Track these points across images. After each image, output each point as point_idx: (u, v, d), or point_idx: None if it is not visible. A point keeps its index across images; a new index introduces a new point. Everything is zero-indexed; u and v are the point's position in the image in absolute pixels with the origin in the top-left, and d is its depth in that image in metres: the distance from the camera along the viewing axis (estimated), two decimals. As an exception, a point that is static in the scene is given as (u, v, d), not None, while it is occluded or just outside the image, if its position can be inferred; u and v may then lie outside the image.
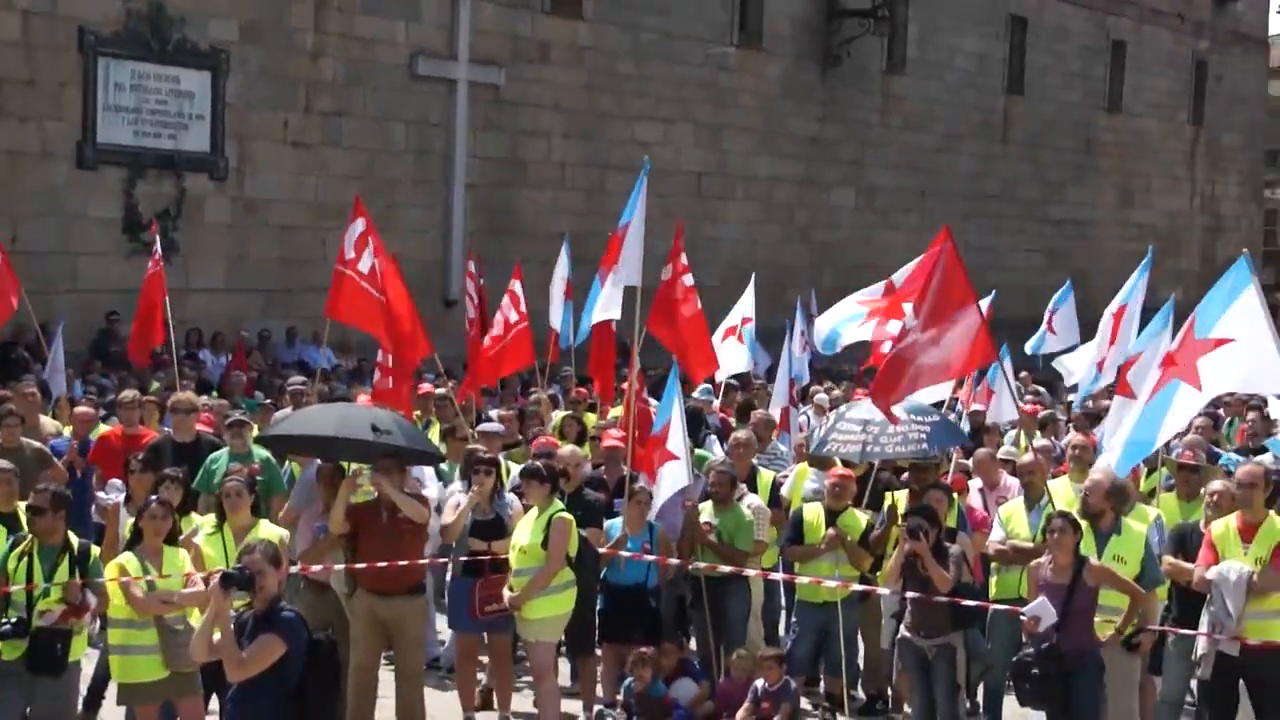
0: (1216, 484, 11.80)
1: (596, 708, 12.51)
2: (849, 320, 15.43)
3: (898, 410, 12.25)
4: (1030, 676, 10.42)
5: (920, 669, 11.23)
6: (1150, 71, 44.40)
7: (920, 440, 12.66)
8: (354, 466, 11.74)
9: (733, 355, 19.52)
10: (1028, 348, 22.59)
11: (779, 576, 13.22)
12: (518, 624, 11.80)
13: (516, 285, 17.32)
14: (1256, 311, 10.81)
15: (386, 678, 11.66)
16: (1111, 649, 10.71)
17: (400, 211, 27.07)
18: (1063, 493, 12.22)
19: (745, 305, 19.60)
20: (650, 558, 12.36)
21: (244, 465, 12.44)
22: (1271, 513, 11.01)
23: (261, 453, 13.20)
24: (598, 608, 12.38)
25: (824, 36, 34.81)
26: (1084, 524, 10.90)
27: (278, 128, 25.60)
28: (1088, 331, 19.36)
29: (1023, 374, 23.53)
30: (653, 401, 15.89)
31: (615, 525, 12.59)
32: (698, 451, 14.82)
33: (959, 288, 11.42)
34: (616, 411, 16.08)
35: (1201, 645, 10.82)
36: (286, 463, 13.54)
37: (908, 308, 11.75)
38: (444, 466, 14.26)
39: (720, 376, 19.81)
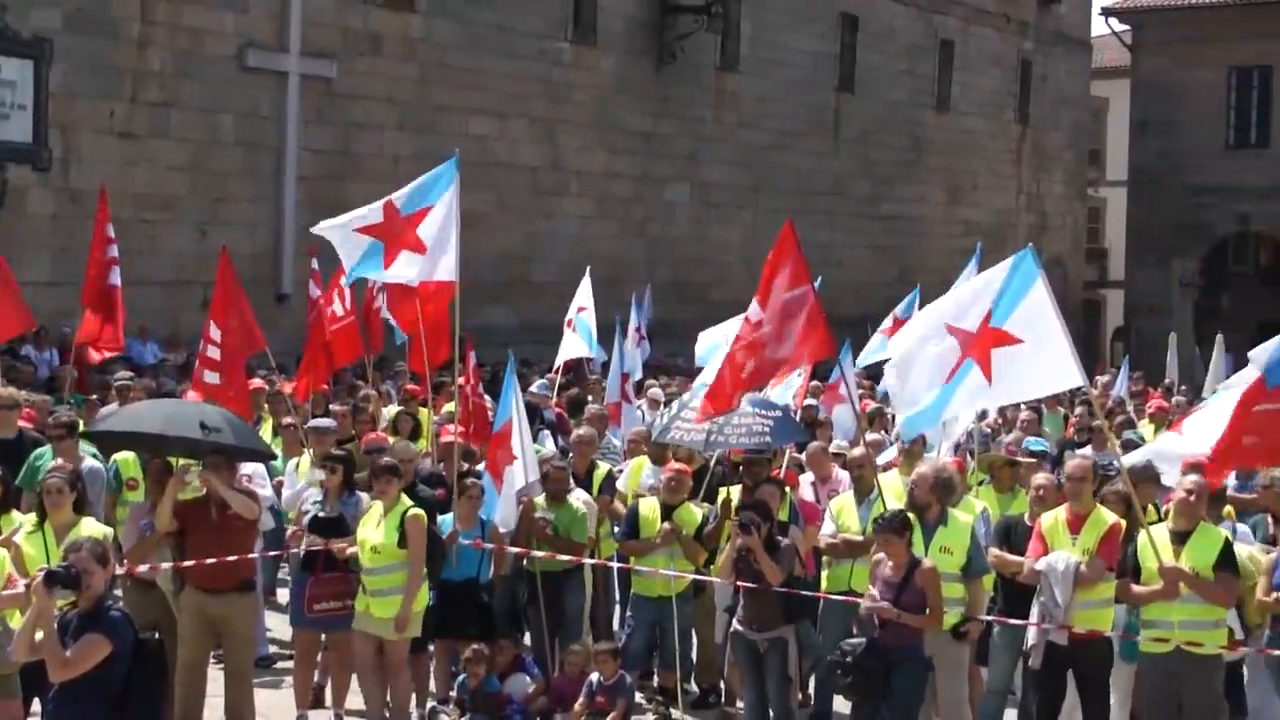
0: (1040, 477, 12.05)
1: (430, 704, 12.45)
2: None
3: (744, 404, 12.42)
4: (851, 671, 10.54)
5: (752, 662, 11.31)
6: (977, 71, 45.12)
7: (764, 433, 12.75)
8: (181, 463, 11.56)
9: (569, 343, 19.69)
10: (863, 358, 22.58)
11: (617, 566, 13.24)
12: (372, 625, 11.66)
13: (344, 280, 16.97)
14: (1045, 309, 10.51)
15: (216, 675, 11.48)
16: (940, 639, 10.87)
17: (230, 205, 26.66)
18: (892, 486, 12.37)
19: (582, 295, 19.68)
20: (489, 546, 12.33)
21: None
22: (1099, 505, 11.25)
23: (89, 449, 12.94)
24: (429, 604, 12.31)
25: (658, 33, 34.89)
26: (912, 516, 11.05)
27: (103, 118, 25.06)
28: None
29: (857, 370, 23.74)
30: (487, 398, 15.91)
31: (447, 520, 12.52)
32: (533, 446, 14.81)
33: (800, 281, 11.58)
34: (450, 408, 16.00)
35: (1032, 635, 11.01)
36: (110, 460, 13.28)
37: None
38: (276, 463, 14.12)
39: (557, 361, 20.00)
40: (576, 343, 19.73)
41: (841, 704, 12.11)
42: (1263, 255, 46.87)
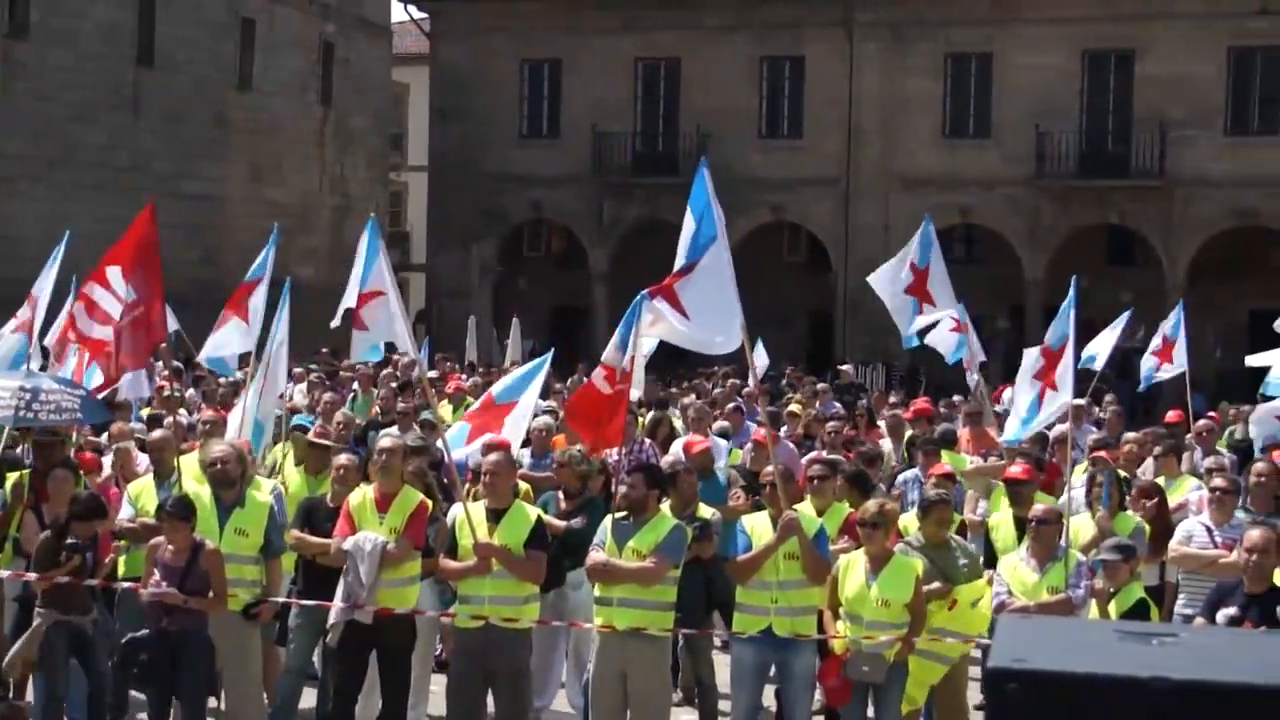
0: (342, 458, 12.22)
1: None
2: None
3: (49, 381, 12.53)
4: (139, 661, 10.40)
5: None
6: (279, 51, 44.99)
7: (74, 410, 12.53)
8: None
9: None
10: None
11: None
12: None
13: None
14: (387, 273, 11.84)
15: None
16: (228, 622, 10.82)
17: None
18: (190, 467, 12.27)
19: None
20: None
21: None
22: (407, 485, 11.49)
23: None
24: None
25: (-64, -4, 33.00)
26: (207, 497, 11.03)
27: None
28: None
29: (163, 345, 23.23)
30: None
31: None
32: None
33: (154, 263, 12.24)
34: None
35: (333, 615, 11.11)
36: None
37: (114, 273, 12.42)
38: None
39: None
40: None
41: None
42: (554, 241, 48.98)
